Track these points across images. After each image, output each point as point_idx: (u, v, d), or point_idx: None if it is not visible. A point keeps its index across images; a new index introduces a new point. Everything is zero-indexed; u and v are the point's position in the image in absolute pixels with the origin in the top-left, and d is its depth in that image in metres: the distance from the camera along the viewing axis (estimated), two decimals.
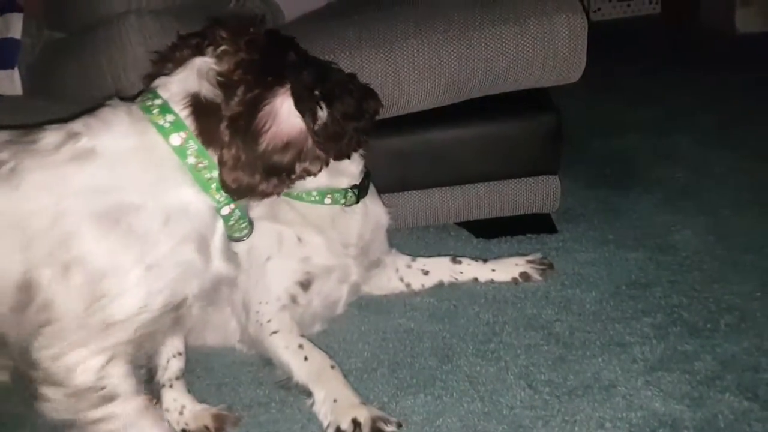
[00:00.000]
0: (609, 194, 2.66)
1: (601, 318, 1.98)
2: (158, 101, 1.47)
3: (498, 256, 2.31)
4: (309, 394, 1.79)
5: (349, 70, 2.28)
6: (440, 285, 2.24)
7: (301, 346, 1.86)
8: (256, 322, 1.91)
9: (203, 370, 2.00)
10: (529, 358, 1.86)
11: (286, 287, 1.95)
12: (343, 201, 1.99)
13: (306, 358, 1.83)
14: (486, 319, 2.05)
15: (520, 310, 2.08)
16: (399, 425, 1.68)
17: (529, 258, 2.26)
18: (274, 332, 1.89)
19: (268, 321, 1.90)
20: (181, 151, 1.44)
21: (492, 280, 2.22)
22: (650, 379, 1.72)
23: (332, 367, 1.82)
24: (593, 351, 1.85)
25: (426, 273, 2.25)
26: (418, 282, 2.25)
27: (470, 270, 2.24)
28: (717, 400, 1.63)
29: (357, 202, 2.02)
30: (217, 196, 1.48)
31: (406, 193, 2.48)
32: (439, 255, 2.32)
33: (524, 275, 2.22)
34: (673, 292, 2.04)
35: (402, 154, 2.42)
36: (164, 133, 1.44)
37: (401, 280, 2.25)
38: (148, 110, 1.46)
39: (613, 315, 1.98)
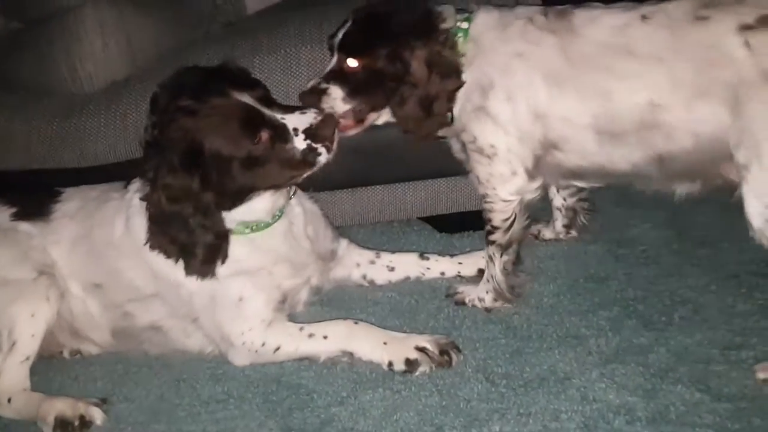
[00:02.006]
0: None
1: (558, 311, 2.00)
2: None
3: (460, 251, 2.32)
4: (351, 355, 1.86)
5: (310, 65, 2.30)
6: (406, 280, 2.24)
7: (311, 335, 1.89)
8: (249, 351, 1.91)
9: (161, 366, 1.98)
10: (487, 352, 1.87)
11: (266, 309, 1.93)
12: (282, 204, 2.00)
13: (325, 337, 1.88)
14: (447, 313, 2.06)
15: None
16: (455, 345, 1.83)
17: None
18: (277, 349, 1.90)
19: (263, 344, 1.90)
20: None
21: (459, 273, 2.23)
22: (605, 371, 1.75)
23: (356, 323, 1.90)
24: (550, 344, 1.87)
25: (392, 269, 2.25)
26: (384, 278, 2.25)
27: (437, 265, 2.25)
28: (669, 392, 1.66)
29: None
30: None
31: (369, 188, 2.48)
32: (402, 250, 2.33)
33: None
34: (630, 286, 2.07)
35: (364, 150, 2.40)
36: None
37: (364, 277, 2.25)
38: None
39: (570, 308, 2.01)
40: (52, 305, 1.96)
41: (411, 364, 1.81)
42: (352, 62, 1.91)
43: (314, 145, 1.82)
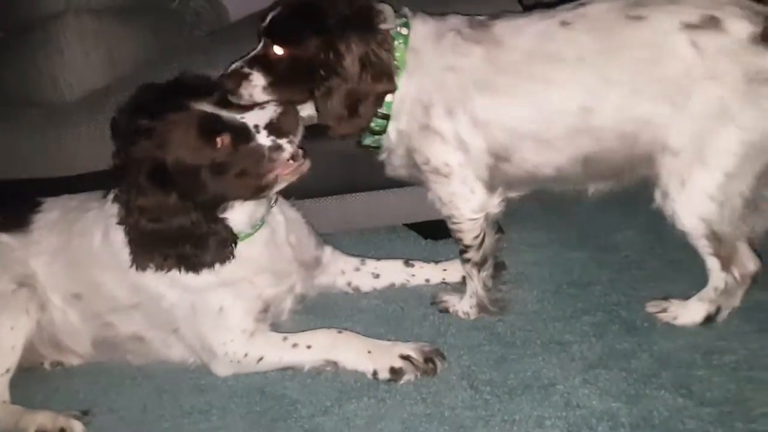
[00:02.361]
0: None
1: (543, 317, 2.00)
2: None
3: (445, 257, 2.32)
4: (335, 364, 1.85)
5: None
6: (391, 287, 2.24)
7: (295, 345, 1.87)
8: (231, 362, 1.89)
9: (144, 377, 1.97)
10: (472, 358, 1.87)
11: (247, 319, 1.92)
12: (263, 214, 1.98)
13: (309, 346, 1.86)
14: (432, 320, 2.06)
15: None
16: (439, 352, 1.82)
17: None
18: (260, 359, 1.88)
19: (245, 355, 1.88)
20: None
21: (444, 280, 2.23)
22: (588, 377, 1.75)
23: (339, 332, 1.88)
24: (534, 350, 1.87)
25: (377, 276, 2.25)
26: (369, 284, 2.24)
27: (422, 272, 2.25)
28: (653, 397, 1.67)
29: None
30: None
31: (354, 195, 2.48)
32: (388, 257, 2.32)
33: None
34: (613, 291, 2.08)
35: (349, 157, 2.41)
36: None
37: (348, 284, 2.24)
38: None
39: (554, 314, 2.01)
40: (32, 317, 1.94)
41: (396, 373, 1.80)
42: (278, 50, 1.81)
43: (278, 141, 1.79)
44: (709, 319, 1.89)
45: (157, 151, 1.73)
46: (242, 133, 1.78)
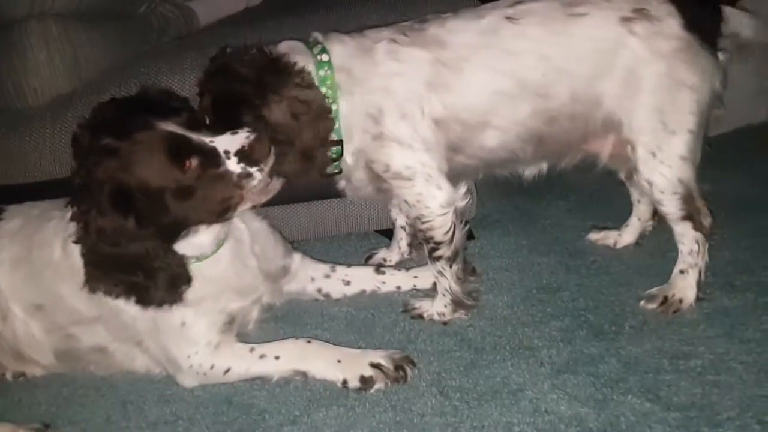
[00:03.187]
0: (524, 200, 2.71)
1: (512, 322, 2.01)
2: None
3: (417, 264, 2.31)
4: (304, 374, 1.83)
5: None
6: (362, 294, 2.23)
7: (263, 356, 1.85)
8: (198, 374, 1.86)
9: (108, 388, 1.93)
10: (442, 365, 1.87)
11: (212, 332, 1.88)
12: (226, 232, 1.93)
13: (277, 357, 1.84)
14: (402, 327, 2.05)
15: None
16: (410, 359, 1.83)
17: None
18: (227, 371, 1.85)
19: (211, 367, 1.85)
20: None
21: (415, 287, 2.23)
22: (557, 382, 1.76)
23: (308, 341, 1.87)
24: (503, 355, 1.88)
25: (347, 283, 2.23)
26: (339, 292, 2.23)
27: (393, 279, 2.24)
28: (620, 402, 1.68)
29: None
30: None
31: (326, 201, 2.46)
32: (359, 263, 2.31)
33: None
34: (581, 296, 2.10)
35: None
36: None
37: (319, 291, 2.22)
38: None
39: (524, 319, 2.02)
40: None
41: (366, 382, 1.79)
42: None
43: (249, 169, 1.71)
44: (699, 286, 2.00)
45: (122, 173, 1.64)
46: (211, 158, 1.70)
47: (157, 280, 1.71)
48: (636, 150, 1.94)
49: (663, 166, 1.93)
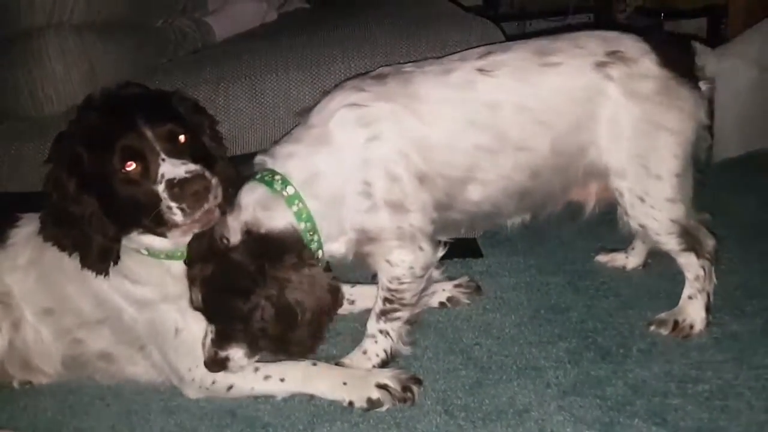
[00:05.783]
0: (534, 219, 2.71)
1: (519, 342, 2.00)
2: None
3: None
4: (310, 396, 1.82)
5: (275, 93, 2.31)
6: (367, 311, 2.21)
7: (267, 377, 1.83)
8: (200, 387, 1.86)
9: (113, 397, 1.93)
10: (448, 383, 1.86)
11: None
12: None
13: (282, 379, 1.83)
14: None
15: (442, 334, 2.08)
16: (416, 379, 1.81)
17: (456, 282, 2.27)
18: (230, 387, 1.85)
19: (213, 383, 1.84)
20: None
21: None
22: (563, 403, 1.74)
23: (314, 363, 1.85)
24: (509, 375, 1.87)
25: (352, 302, 2.23)
26: (344, 309, 2.22)
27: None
28: (626, 426, 1.66)
29: None
30: None
31: None
32: (367, 281, 2.31)
33: (452, 300, 2.23)
34: (589, 317, 2.09)
35: None
36: None
37: None
38: None
39: (531, 339, 2.01)
40: (4, 336, 1.91)
41: (373, 404, 1.78)
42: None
43: (171, 203, 1.66)
44: (708, 310, 1.98)
45: (82, 146, 1.74)
46: (147, 173, 1.69)
47: (92, 246, 1.77)
48: (623, 196, 1.92)
49: (654, 210, 1.91)
